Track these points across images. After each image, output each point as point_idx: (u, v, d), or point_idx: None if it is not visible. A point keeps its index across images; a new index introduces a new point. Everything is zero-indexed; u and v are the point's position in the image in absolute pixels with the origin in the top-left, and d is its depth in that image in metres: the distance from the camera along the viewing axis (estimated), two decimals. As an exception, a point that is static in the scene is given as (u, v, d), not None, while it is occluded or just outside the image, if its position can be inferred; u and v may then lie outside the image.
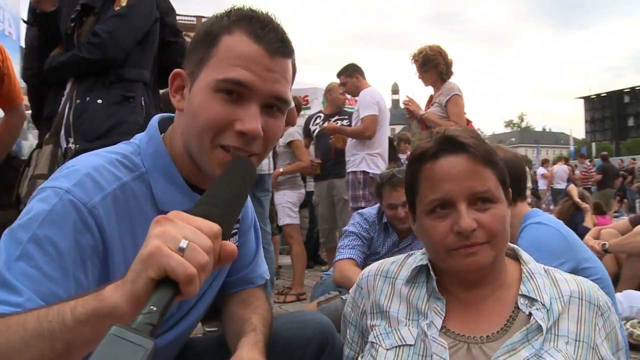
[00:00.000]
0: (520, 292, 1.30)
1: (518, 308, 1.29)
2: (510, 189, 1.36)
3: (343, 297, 3.23)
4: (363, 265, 3.52)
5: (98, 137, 2.46)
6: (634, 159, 24.24)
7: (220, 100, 1.17)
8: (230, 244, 0.90)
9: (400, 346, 1.29)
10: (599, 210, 9.22)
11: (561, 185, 16.47)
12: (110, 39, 2.54)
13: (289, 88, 1.25)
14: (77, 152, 2.44)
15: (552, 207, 13.34)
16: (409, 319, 1.33)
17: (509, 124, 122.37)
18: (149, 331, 0.75)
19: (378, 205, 3.74)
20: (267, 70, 1.18)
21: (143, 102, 2.68)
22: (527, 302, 1.28)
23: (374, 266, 1.51)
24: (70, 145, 2.49)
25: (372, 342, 1.36)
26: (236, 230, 1.53)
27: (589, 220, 6.10)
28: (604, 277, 2.72)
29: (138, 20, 2.67)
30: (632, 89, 52.46)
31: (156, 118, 1.36)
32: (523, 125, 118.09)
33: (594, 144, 51.24)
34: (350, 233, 3.57)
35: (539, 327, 1.22)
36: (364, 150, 5.18)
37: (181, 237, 0.82)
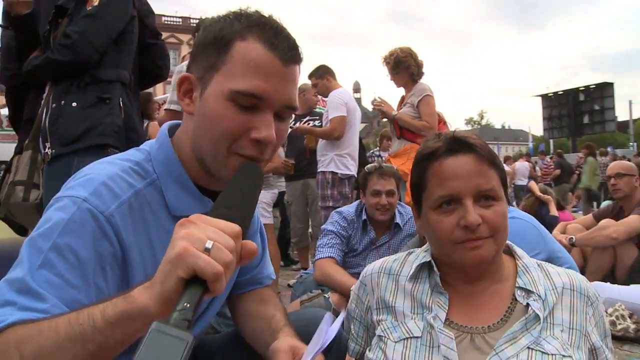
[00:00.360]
0: (517, 285, 1.39)
1: (515, 300, 1.37)
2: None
3: (325, 295, 3.29)
4: (342, 263, 3.60)
5: (73, 140, 2.42)
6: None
7: (235, 109, 1.18)
8: (251, 243, 0.95)
9: (407, 338, 1.36)
10: (558, 206, 9.54)
11: (522, 181, 16.89)
12: (81, 40, 2.47)
13: (297, 93, 1.29)
14: (54, 157, 2.43)
15: (514, 203, 13.66)
16: (414, 313, 1.40)
17: (469, 121, 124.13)
18: (186, 326, 0.80)
19: (356, 203, 3.83)
20: (281, 80, 1.20)
21: (121, 103, 2.62)
22: (523, 294, 1.37)
23: (376, 264, 1.57)
24: (47, 150, 2.45)
25: (380, 336, 1.43)
26: None
27: (553, 209, 6.32)
28: (573, 267, 2.88)
29: (111, 19, 2.60)
30: (587, 87, 53.78)
31: (166, 125, 1.38)
32: (483, 122, 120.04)
33: (551, 141, 52.59)
34: (329, 232, 3.63)
35: (537, 317, 1.31)
36: (333, 151, 5.25)
37: (206, 238, 0.87)
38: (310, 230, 6.39)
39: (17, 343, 0.94)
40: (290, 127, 6.01)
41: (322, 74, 5.58)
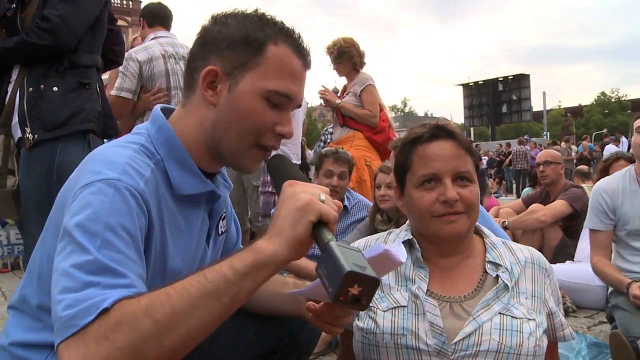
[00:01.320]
0: (487, 259, 1.59)
1: (486, 272, 1.57)
2: None
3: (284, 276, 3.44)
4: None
5: (58, 125, 2.41)
6: (508, 144, 26.28)
7: (267, 106, 1.33)
8: (336, 202, 1.18)
9: (395, 307, 1.52)
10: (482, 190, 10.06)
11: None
12: (61, 24, 2.44)
13: None
14: (36, 142, 2.40)
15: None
16: (399, 285, 1.57)
17: (392, 108, 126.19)
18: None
19: None
20: (303, 83, 1.40)
21: (98, 88, 2.64)
22: (493, 267, 1.57)
23: (360, 242, 1.73)
24: (27, 135, 2.41)
25: (369, 306, 1.59)
26: (224, 213, 1.65)
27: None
28: None
29: (89, 4, 2.60)
30: (505, 78, 56.04)
31: (159, 108, 1.45)
32: (406, 110, 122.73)
33: (472, 129, 54.70)
34: None
35: (506, 286, 1.51)
36: None
37: (319, 192, 1.14)
38: (249, 215, 6.46)
39: (146, 310, 1.01)
40: None
41: None
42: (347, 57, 5.09)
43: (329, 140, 6.30)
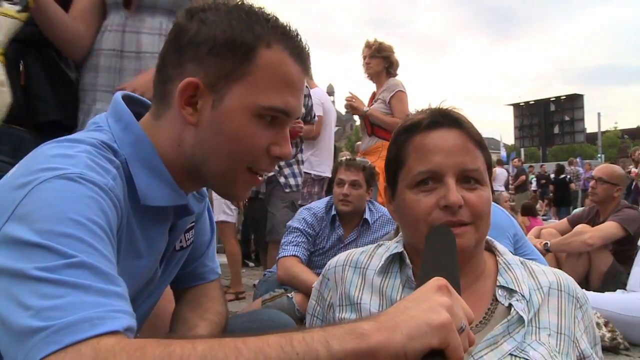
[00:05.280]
0: (498, 284, 1.21)
1: (496, 300, 1.20)
2: None
3: (289, 295, 3.14)
4: (308, 263, 3.43)
5: None
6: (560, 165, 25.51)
7: (260, 126, 1.10)
8: (472, 335, 0.88)
9: None
10: (530, 212, 9.51)
11: (499, 189, 17.00)
12: None
13: None
14: None
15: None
16: (382, 311, 1.22)
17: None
18: None
19: (327, 198, 3.73)
20: (302, 93, 1.16)
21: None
22: (505, 293, 1.20)
23: (341, 256, 1.38)
24: None
25: None
26: (192, 223, 1.37)
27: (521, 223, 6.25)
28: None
29: None
30: (558, 98, 54.87)
31: (119, 96, 1.18)
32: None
33: (522, 150, 53.37)
34: (294, 229, 3.47)
35: (520, 319, 1.14)
36: (308, 151, 5.09)
37: (462, 317, 0.84)
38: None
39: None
40: None
41: None
42: (384, 55, 4.89)
43: None
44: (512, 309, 1.15)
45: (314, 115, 4.74)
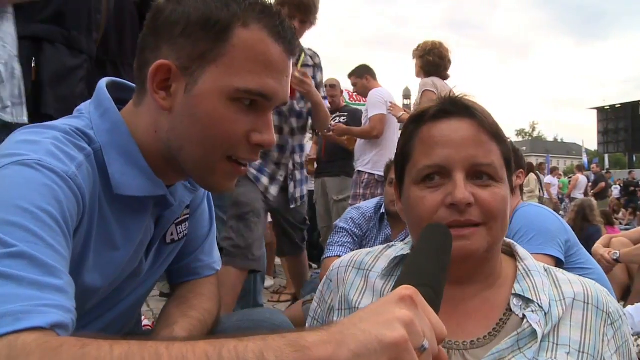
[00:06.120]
0: (513, 291, 1.08)
1: (511, 310, 1.07)
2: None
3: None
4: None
5: None
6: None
7: (237, 110, 1.04)
8: (444, 355, 0.75)
9: None
10: (608, 220, 8.94)
11: (578, 196, 16.27)
12: None
13: None
14: None
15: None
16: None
17: (520, 132, 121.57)
18: None
19: (377, 198, 3.65)
20: (285, 76, 1.08)
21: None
22: (521, 303, 1.06)
23: (346, 257, 1.29)
24: None
25: None
26: (187, 215, 1.32)
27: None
28: (601, 279, 2.58)
29: None
30: (647, 101, 51.94)
31: (104, 83, 1.15)
32: (535, 134, 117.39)
33: (606, 156, 50.78)
34: (340, 229, 3.40)
35: (533, 333, 1.00)
36: (372, 151, 5.04)
37: (423, 336, 0.70)
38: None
39: None
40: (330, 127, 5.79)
41: (362, 74, 5.43)
42: (426, 58, 4.70)
43: None
44: (525, 320, 1.02)
45: (325, 94, 4.12)
